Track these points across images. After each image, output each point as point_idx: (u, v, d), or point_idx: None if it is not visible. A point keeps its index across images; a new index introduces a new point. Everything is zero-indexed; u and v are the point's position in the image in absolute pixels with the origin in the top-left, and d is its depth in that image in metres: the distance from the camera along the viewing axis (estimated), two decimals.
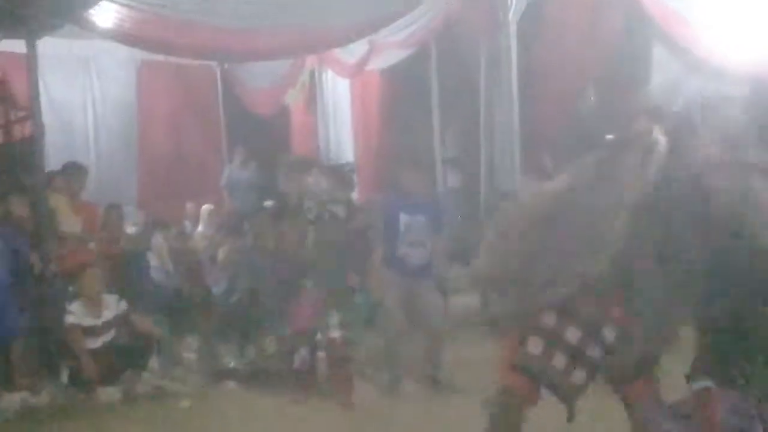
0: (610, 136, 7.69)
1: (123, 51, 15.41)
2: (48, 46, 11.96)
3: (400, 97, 16.85)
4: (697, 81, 12.96)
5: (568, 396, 4.94)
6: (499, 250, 5.10)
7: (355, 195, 13.88)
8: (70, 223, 11.12)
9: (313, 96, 18.78)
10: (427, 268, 9.41)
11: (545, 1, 14.05)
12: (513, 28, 13.79)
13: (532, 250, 4.93)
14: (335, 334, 8.89)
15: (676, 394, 4.42)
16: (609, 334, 4.84)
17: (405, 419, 8.19)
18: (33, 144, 10.78)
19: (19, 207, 10.27)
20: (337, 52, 16.74)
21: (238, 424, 8.50)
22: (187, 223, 14.88)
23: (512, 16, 13.75)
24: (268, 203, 12.49)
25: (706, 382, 4.06)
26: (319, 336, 8.98)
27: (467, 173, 16.02)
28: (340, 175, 11.01)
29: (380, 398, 8.93)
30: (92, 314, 9.65)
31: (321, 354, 9.07)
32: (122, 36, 11.98)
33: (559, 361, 4.89)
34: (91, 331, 9.61)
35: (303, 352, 9.26)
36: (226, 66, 18.44)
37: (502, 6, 13.63)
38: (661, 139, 4.87)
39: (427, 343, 9.29)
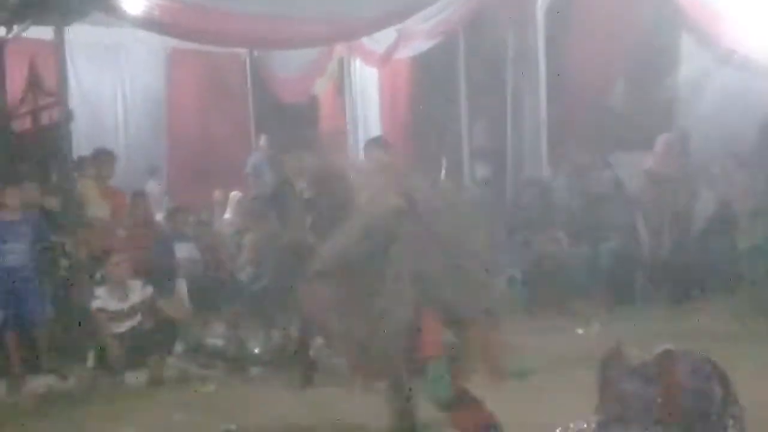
0: None
1: (152, 39, 15.46)
2: (78, 33, 12.06)
3: (428, 87, 16.86)
4: (726, 72, 12.95)
5: None
6: None
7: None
8: (98, 208, 11.23)
9: (341, 85, 18.81)
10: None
11: None
12: (541, 21, 13.80)
13: None
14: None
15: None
16: None
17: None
18: (60, 130, 10.89)
19: (41, 194, 10.38)
20: (366, 41, 16.77)
21: (262, 408, 8.54)
22: (216, 210, 14.98)
23: (540, 8, 13.76)
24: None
25: (667, 345, 4.13)
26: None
27: (495, 164, 16.03)
28: (330, 147, 10.87)
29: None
30: (118, 299, 9.75)
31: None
32: (151, 24, 12.06)
33: None
34: (117, 316, 9.71)
35: (318, 341, 9.35)
36: (255, 54, 18.49)
37: None
38: None
39: None
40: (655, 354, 4.10)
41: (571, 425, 4.07)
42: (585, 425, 4.01)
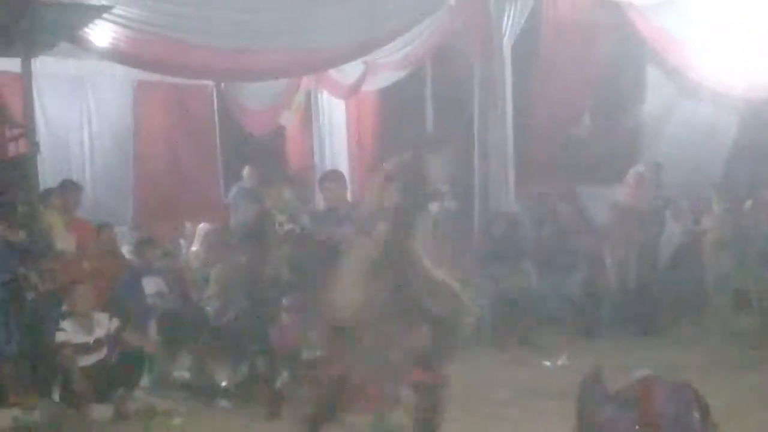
0: None
1: (119, 70, 15.43)
2: (44, 64, 12.03)
3: (396, 119, 16.90)
4: (691, 104, 13.07)
5: None
6: None
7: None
8: (64, 240, 11.15)
9: (308, 116, 18.83)
10: None
11: (540, 26, 14.13)
12: (507, 53, 13.86)
13: None
14: (319, 352, 8.88)
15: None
16: None
17: None
18: (27, 161, 10.84)
19: (7, 226, 10.31)
20: (333, 73, 16.80)
21: None
22: (183, 242, 14.90)
23: (507, 40, 13.83)
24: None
25: (646, 370, 4.16)
26: (305, 354, 8.97)
27: (461, 196, 16.06)
28: (301, 181, 10.88)
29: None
30: (84, 331, 9.66)
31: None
32: (118, 55, 12.02)
33: None
34: (83, 349, 9.62)
35: (284, 374, 9.35)
36: (222, 86, 18.48)
37: (496, 30, 13.70)
38: None
39: None
40: (634, 380, 4.12)
41: None
42: None
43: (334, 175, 10.16)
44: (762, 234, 12.10)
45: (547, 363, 10.66)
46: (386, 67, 15.75)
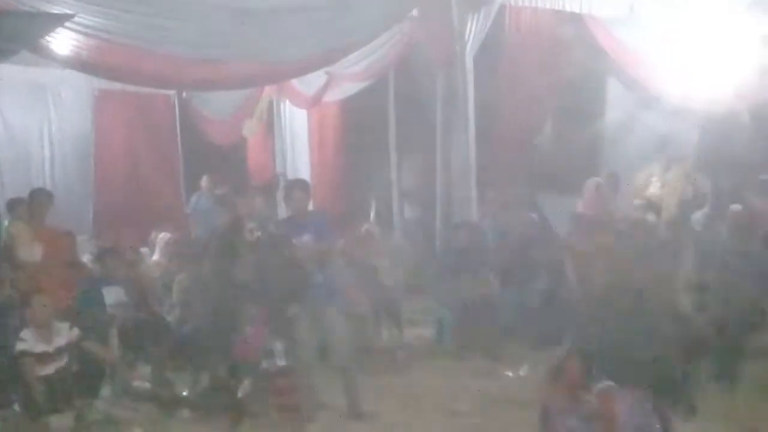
0: None
1: (80, 79, 15.39)
2: (5, 72, 11.95)
3: (358, 129, 16.94)
4: (651, 116, 13.15)
5: None
6: None
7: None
8: (28, 250, 11.07)
9: (270, 126, 18.83)
10: (331, 293, 9.42)
11: (502, 36, 14.19)
12: (470, 63, 13.90)
13: None
14: (281, 362, 8.87)
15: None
16: None
17: None
18: None
19: None
20: (295, 83, 16.82)
21: None
22: (144, 251, 14.83)
23: (469, 50, 13.87)
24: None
25: (609, 382, 4.19)
26: (265, 364, 8.96)
27: (424, 205, 16.11)
28: (270, 190, 10.87)
29: (332, 427, 8.94)
30: (44, 341, 9.58)
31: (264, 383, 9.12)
32: (80, 64, 11.95)
33: None
34: (42, 358, 9.55)
35: (246, 383, 9.35)
36: (184, 95, 18.45)
37: (458, 40, 13.74)
38: None
39: (340, 375, 9.31)
40: (596, 390, 4.15)
41: None
42: None
43: (302, 184, 10.17)
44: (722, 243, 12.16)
45: (509, 373, 10.68)
46: (349, 77, 15.77)
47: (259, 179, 18.20)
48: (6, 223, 11.33)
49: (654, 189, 13.27)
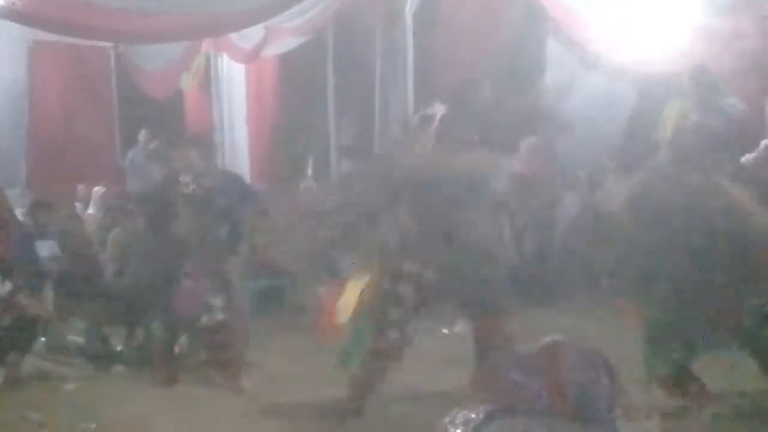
0: None
1: (14, 29, 15.15)
2: None
3: (296, 84, 16.84)
4: (591, 78, 13.17)
5: None
6: None
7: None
8: None
9: (207, 80, 18.68)
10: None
11: None
12: (409, 20, 13.86)
13: None
14: (219, 317, 8.82)
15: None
16: None
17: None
18: None
19: None
20: (233, 37, 16.68)
21: (125, 407, 8.42)
22: (78, 205, 14.69)
23: (408, 6, 13.82)
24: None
25: (556, 336, 4.20)
26: (204, 320, 8.90)
27: (362, 162, 16.09)
28: (207, 145, 10.74)
29: (268, 383, 8.92)
30: None
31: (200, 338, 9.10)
32: (12, 14, 11.76)
33: None
34: None
35: (183, 339, 9.31)
36: (120, 48, 18.24)
37: None
38: None
39: None
40: (542, 344, 4.15)
41: (459, 414, 4.07)
42: (473, 415, 4.02)
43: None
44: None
45: (445, 330, 10.71)
46: (287, 32, 15.67)
47: (198, 131, 18.09)
48: None
49: None
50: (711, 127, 9.65)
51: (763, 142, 10.97)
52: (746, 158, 10.95)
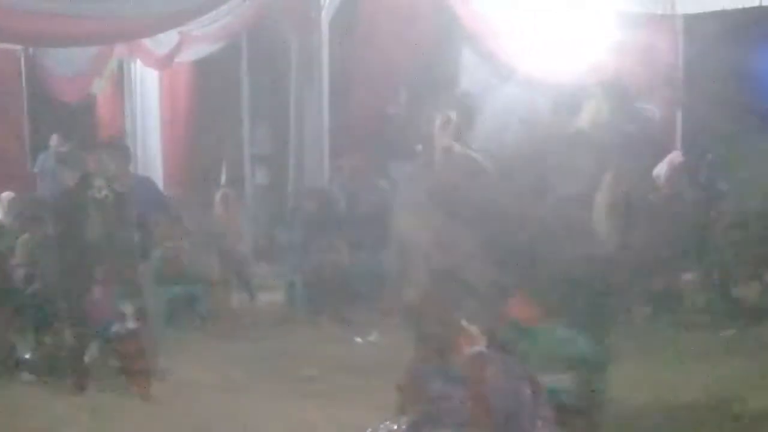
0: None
1: None
2: None
3: (210, 91, 16.75)
4: (505, 88, 13.26)
5: None
6: None
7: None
8: None
9: (120, 85, 18.48)
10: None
11: (358, 1, 14.17)
12: (325, 28, 13.85)
13: None
14: (131, 325, 8.74)
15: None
16: None
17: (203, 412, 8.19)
18: None
19: None
20: (147, 42, 16.49)
21: (33, 415, 8.30)
22: None
23: (324, 15, 13.82)
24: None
25: (481, 347, 4.21)
26: (115, 327, 8.80)
27: (276, 170, 16.04)
28: (121, 149, 10.63)
29: (179, 391, 8.85)
30: None
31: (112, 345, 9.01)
32: None
33: None
34: None
35: (93, 347, 9.19)
36: (30, 51, 18.00)
37: (314, 5, 13.68)
38: None
39: None
40: (467, 355, 4.15)
41: (382, 426, 4.07)
42: (395, 426, 4.02)
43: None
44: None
45: (359, 339, 10.71)
46: (202, 38, 15.54)
47: (110, 135, 17.90)
48: None
49: None
50: (625, 128, 9.73)
51: (671, 155, 11.17)
52: (658, 170, 11.12)
